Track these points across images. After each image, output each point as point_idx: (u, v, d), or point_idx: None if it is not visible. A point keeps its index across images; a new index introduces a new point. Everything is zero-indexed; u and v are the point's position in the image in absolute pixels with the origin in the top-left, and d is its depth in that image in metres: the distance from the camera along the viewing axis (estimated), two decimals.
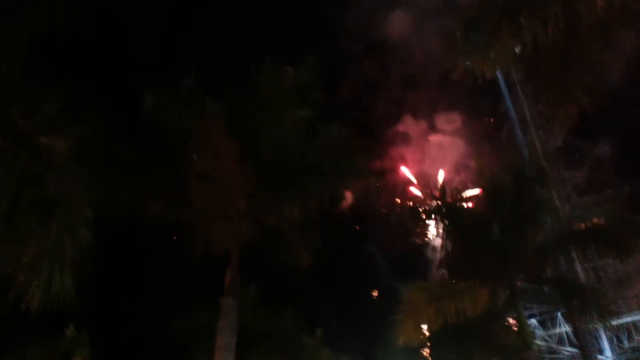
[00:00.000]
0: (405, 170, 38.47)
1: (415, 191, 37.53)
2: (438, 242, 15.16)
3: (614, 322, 25.55)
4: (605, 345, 31.24)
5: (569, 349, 33.13)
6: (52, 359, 16.77)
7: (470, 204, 14.98)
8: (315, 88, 11.43)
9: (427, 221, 15.54)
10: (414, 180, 38.45)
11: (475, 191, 15.65)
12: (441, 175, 37.88)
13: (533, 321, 33.08)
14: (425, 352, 20.75)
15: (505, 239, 14.06)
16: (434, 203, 15.24)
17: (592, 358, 23.40)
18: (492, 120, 37.11)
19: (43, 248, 6.10)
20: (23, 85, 6.21)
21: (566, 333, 33.25)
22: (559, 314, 32.89)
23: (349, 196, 12.63)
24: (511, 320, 18.70)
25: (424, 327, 14.57)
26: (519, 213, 13.89)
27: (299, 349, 17.63)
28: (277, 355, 16.57)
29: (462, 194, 15.40)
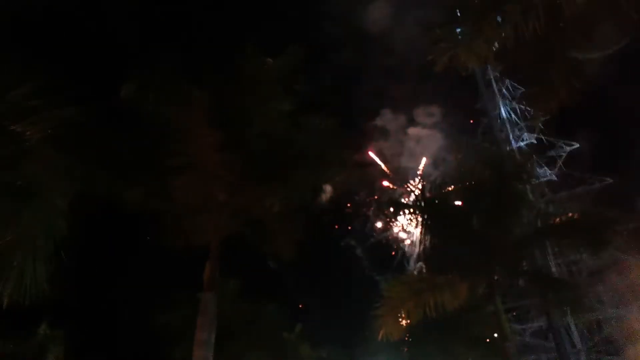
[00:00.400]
0: (374, 157, 38.74)
1: (389, 183, 37.85)
2: (417, 235, 15.20)
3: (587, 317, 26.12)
4: (577, 338, 31.99)
5: (543, 342, 33.84)
6: (24, 358, 16.30)
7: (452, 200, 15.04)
8: (299, 77, 11.31)
9: (405, 214, 15.61)
10: (385, 168, 38.78)
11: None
12: (420, 169, 38.21)
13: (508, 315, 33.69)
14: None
15: (484, 232, 14.20)
16: (413, 196, 15.33)
17: (565, 351, 23.91)
18: (472, 121, 37.61)
19: (15, 237, 5.81)
20: None
21: (540, 327, 33.95)
22: (534, 308, 33.50)
23: (330, 188, 12.53)
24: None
25: (404, 320, 14.60)
26: (498, 207, 14.04)
27: (278, 344, 17.54)
28: (257, 350, 16.44)
29: (442, 188, 15.49)
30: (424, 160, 38.39)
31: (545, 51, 7.61)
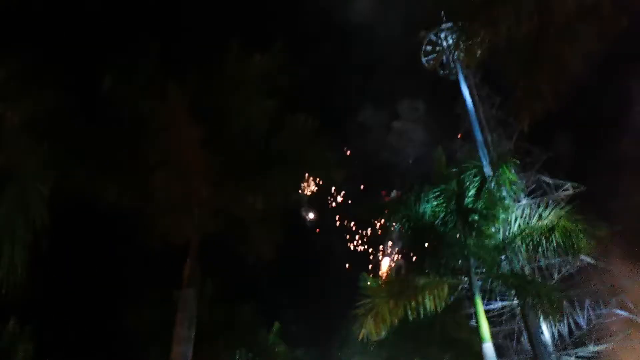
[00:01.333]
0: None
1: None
2: (398, 236, 15.23)
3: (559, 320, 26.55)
4: (548, 340, 32.59)
5: (515, 345, 34.40)
6: None
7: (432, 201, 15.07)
8: (282, 76, 11.18)
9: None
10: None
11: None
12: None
13: None
14: None
15: (465, 234, 14.29)
16: (395, 197, 15.35)
17: (542, 354, 24.24)
18: (459, 135, 38.16)
19: None
20: None
21: (512, 329, 34.54)
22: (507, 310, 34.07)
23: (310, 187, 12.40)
24: None
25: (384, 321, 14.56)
26: (479, 209, 14.16)
27: (255, 343, 17.37)
28: (234, 349, 16.25)
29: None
30: (405, 159, 38.81)
31: (533, 53, 7.68)
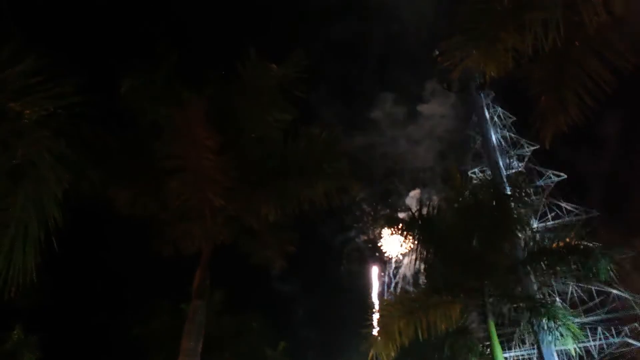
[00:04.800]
0: None
1: None
2: (411, 253, 14.96)
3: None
4: None
5: None
6: None
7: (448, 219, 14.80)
8: (301, 85, 11.08)
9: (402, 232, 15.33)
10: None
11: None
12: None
13: None
14: None
15: (479, 253, 14.00)
16: (410, 214, 15.13)
17: None
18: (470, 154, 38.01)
19: (7, 218, 5.41)
20: None
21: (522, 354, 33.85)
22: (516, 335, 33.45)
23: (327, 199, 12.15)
24: None
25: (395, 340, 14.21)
26: (494, 227, 13.89)
27: (263, 357, 17.05)
28: None
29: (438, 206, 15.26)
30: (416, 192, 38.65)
31: (560, 64, 7.52)
